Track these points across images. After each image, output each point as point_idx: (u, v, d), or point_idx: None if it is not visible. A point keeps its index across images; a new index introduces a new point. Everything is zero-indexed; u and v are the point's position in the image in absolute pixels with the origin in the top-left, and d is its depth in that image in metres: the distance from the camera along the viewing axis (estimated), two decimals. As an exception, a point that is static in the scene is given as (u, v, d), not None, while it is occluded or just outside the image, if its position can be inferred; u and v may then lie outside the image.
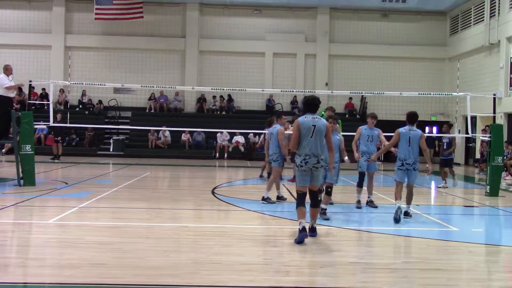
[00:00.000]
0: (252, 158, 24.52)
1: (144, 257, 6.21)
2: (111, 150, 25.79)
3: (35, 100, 25.46)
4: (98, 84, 21.58)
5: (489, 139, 13.42)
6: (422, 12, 28.58)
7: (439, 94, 21.58)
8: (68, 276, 5.45)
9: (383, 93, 17.89)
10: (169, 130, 24.51)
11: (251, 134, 25.24)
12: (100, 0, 26.95)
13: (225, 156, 25.33)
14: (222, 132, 25.12)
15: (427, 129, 26.20)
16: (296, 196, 7.65)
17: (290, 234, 7.60)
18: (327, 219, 8.93)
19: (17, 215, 9.15)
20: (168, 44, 28.56)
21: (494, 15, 23.48)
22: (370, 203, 10.63)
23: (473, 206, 12.04)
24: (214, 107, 28.47)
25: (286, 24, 28.94)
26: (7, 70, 13.07)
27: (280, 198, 11.17)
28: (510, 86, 22.11)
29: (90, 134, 25.73)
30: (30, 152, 12.51)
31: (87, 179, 14.80)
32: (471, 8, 26.04)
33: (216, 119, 26.74)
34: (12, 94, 13.69)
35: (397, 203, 9.03)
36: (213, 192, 12.49)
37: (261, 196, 10.89)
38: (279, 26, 28.90)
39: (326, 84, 28.36)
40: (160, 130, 24.96)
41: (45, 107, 22.93)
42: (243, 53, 28.62)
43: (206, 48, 28.75)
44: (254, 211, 9.93)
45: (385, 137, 10.83)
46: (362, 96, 27.43)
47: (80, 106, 28.01)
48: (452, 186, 14.64)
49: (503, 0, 22.74)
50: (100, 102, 27.92)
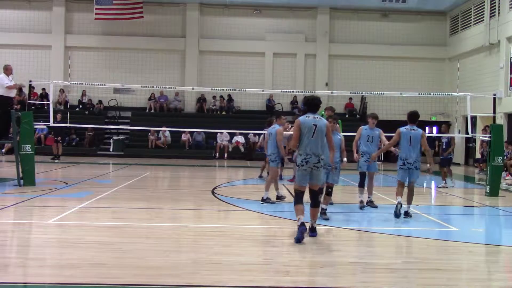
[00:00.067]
0: (252, 158, 24.52)
1: (144, 257, 6.21)
2: (111, 150, 25.80)
3: (35, 100, 25.45)
4: (98, 84, 21.59)
5: (489, 139, 13.42)
6: (422, 12, 28.57)
7: (439, 94, 21.59)
8: (68, 276, 5.45)
9: (383, 93, 17.91)
10: (169, 130, 24.50)
11: (251, 134, 25.24)
12: (100, 0, 26.95)
13: (225, 156, 25.34)
14: (222, 132, 25.12)
15: (427, 129, 26.17)
16: (294, 195, 7.66)
17: (290, 234, 7.59)
18: (327, 219, 8.94)
19: (17, 215, 9.15)
20: (168, 44, 28.56)
21: (494, 15, 23.48)
22: (370, 203, 10.64)
23: (473, 206, 12.05)
24: (214, 107, 28.47)
25: (286, 24, 28.94)
26: (7, 70, 13.08)
27: (279, 197, 11.16)
28: (510, 86, 22.11)
29: (90, 134, 25.73)
30: (30, 152, 12.52)
31: (87, 179, 14.81)
32: (471, 8, 26.04)
33: (216, 119, 26.74)
34: (13, 94, 13.71)
35: (398, 199, 9.26)
36: (213, 192, 12.49)
37: (261, 196, 10.88)
38: (279, 26, 28.90)
39: (326, 84, 28.36)
40: (160, 130, 24.96)
41: (45, 107, 22.92)
42: (243, 53, 28.62)
43: (206, 48, 28.76)
44: (254, 211, 9.93)
45: (385, 137, 10.82)
46: (362, 96, 27.42)
47: (80, 106, 28.01)
48: (447, 186, 14.64)
49: (503, 0, 22.74)
50: (100, 102, 27.92)
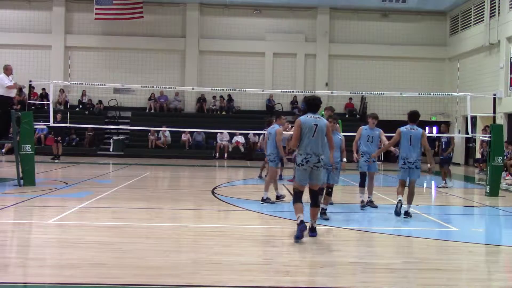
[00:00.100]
0: (252, 158, 24.52)
1: (144, 257, 6.21)
2: (111, 150, 25.80)
3: (35, 100, 25.46)
4: (98, 84, 21.60)
5: (489, 139, 13.42)
6: (422, 12, 28.57)
7: (439, 94, 21.58)
8: (68, 276, 5.45)
9: (383, 93, 17.90)
10: (169, 130, 24.51)
11: (251, 134, 25.24)
12: (100, 0, 26.95)
13: (225, 156, 25.34)
14: (222, 132, 25.12)
15: (427, 129, 26.16)
16: (293, 194, 7.66)
17: (290, 234, 7.58)
18: (327, 219, 8.94)
19: (17, 215, 9.15)
20: (168, 44, 28.56)
21: (494, 15, 23.48)
22: (370, 203, 10.64)
23: (473, 206, 12.05)
24: (214, 107, 28.47)
25: (286, 24, 28.94)
26: (7, 70, 13.09)
27: (279, 197, 11.16)
28: (510, 86, 22.11)
29: (90, 134, 25.73)
30: (30, 152, 12.51)
31: (87, 179, 14.81)
32: (471, 8, 26.04)
33: (216, 119, 26.74)
34: (13, 94, 13.73)
35: (398, 197, 9.34)
36: (213, 192, 12.48)
37: (261, 196, 10.88)
38: (279, 26, 28.89)
39: (326, 84, 28.36)
40: (160, 130, 24.96)
41: (45, 107, 22.93)
42: (243, 53, 28.62)
43: (206, 48, 28.76)
44: (254, 211, 9.93)
45: (386, 137, 10.81)
46: (362, 96, 27.42)
47: (80, 106, 28.01)
48: (447, 186, 14.64)
49: (503, 0, 22.74)
50: (100, 102, 27.92)
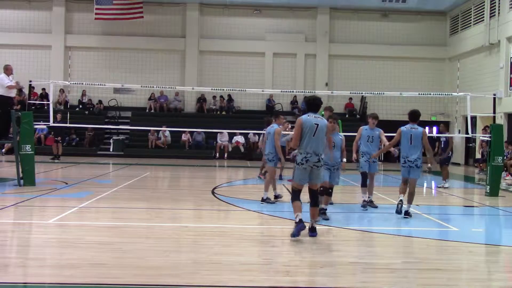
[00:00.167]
0: (252, 158, 24.52)
1: (144, 257, 6.21)
2: (111, 150, 25.80)
3: (35, 100, 25.46)
4: (98, 84, 21.57)
5: (489, 139, 13.42)
6: (422, 12, 28.57)
7: (439, 94, 21.55)
8: (68, 276, 5.45)
9: (383, 93, 17.90)
10: (169, 130, 24.51)
11: (251, 134, 25.24)
12: (100, 0, 26.94)
13: (225, 156, 25.34)
14: (222, 132, 25.12)
15: (427, 129, 26.11)
16: (291, 192, 7.66)
17: (290, 234, 7.58)
18: (327, 219, 8.94)
19: (17, 215, 9.14)
20: (168, 44, 28.55)
21: (494, 15, 23.47)
22: (370, 203, 10.63)
23: (473, 206, 12.05)
24: (214, 107, 28.47)
25: (286, 24, 28.93)
26: (8, 70, 13.09)
27: (276, 197, 11.14)
28: (510, 86, 22.10)
29: (90, 134, 25.73)
30: (30, 152, 12.51)
31: (87, 179, 14.80)
32: (471, 8, 26.03)
33: (216, 119, 26.73)
34: (13, 94, 13.73)
35: (400, 197, 9.42)
36: (213, 192, 12.48)
37: (261, 196, 10.88)
38: (279, 26, 28.89)
39: (326, 84, 28.35)
40: (160, 130, 24.96)
41: (45, 107, 22.93)
42: (243, 53, 28.62)
43: (206, 48, 28.75)
44: (254, 211, 9.93)
45: (386, 137, 10.81)
46: (362, 96, 27.42)
47: (80, 106, 28.01)
48: (446, 186, 14.62)
49: (503, 0, 22.74)
50: (100, 102, 27.92)
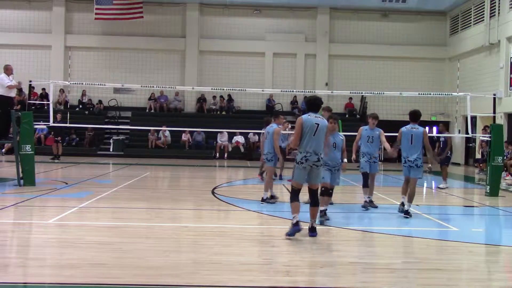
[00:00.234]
0: (252, 158, 24.51)
1: (144, 257, 6.21)
2: (111, 150, 25.80)
3: (35, 100, 25.46)
4: (98, 84, 21.56)
5: (489, 139, 13.42)
6: (422, 12, 28.57)
7: (439, 94, 21.57)
8: (68, 276, 5.45)
9: (383, 93, 17.89)
10: (169, 130, 24.51)
11: (251, 134, 25.23)
12: (100, 0, 26.94)
13: (225, 156, 25.34)
14: (222, 132, 25.11)
15: (427, 129, 26.12)
16: (290, 191, 7.66)
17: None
18: (327, 219, 8.93)
19: (17, 215, 9.14)
20: (168, 44, 28.55)
21: (494, 15, 23.47)
22: (370, 203, 10.62)
23: (473, 206, 12.05)
24: (214, 107, 28.47)
25: (286, 24, 28.93)
26: (8, 70, 13.10)
27: (272, 197, 11.08)
28: (510, 86, 22.10)
29: (90, 134, 25.72)
30: (30, 152, 12.51)
31: (87, 179, 14.80)
32: (471, 8, 26.03)
33: (216, 119, 26.73)
34: (13, 94, 13.73)
35: (402, 197, 9.67)
36: (213, 192, 12.48)
37: (260, 196, 10.88)
38: (279, 26, 28.89)
39: (326, 84, 28.35)
40: (160, 130, 24.96)
41: (45, 107, 22.92)
42: (243, 53, 28.62)
43: (206, 48, 28.75)
44: (254, 211, 9.93)
45: (386, 137, 10.81)
46: (362, 96, 27.42)
47: (80, 106, 28.00)
48: (445, 186, 14.61)
49: (503, 0, 22.74)
50: (100, 102, 27.92)
